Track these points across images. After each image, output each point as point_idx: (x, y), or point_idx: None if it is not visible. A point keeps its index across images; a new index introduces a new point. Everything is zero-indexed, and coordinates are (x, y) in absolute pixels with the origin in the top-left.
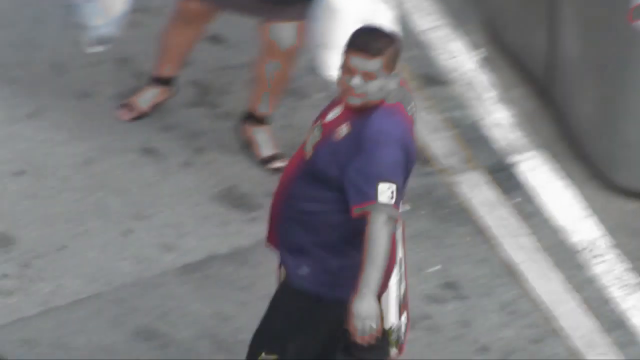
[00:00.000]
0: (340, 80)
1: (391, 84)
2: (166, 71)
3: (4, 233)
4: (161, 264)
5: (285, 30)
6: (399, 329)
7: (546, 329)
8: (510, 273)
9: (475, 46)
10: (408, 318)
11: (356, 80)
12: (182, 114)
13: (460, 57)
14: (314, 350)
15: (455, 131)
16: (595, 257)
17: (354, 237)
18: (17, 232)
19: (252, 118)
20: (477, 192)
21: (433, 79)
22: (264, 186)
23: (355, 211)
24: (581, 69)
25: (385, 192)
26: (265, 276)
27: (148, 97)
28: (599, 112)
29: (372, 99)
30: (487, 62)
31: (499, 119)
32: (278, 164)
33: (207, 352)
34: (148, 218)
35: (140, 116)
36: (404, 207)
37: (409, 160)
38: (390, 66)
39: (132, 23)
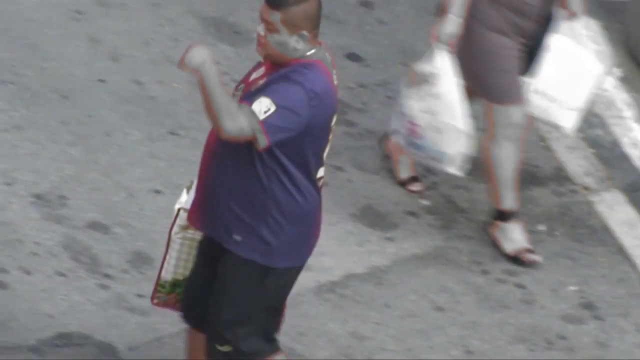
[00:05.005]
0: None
1: (295, 43)
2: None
3: (140, 252)
4: (298, 284)
5: None
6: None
7: None
8: None
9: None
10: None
11: (260, 28)
12: None
13: None
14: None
15: (593, 150)
16: None
17: (280, 203)
18: (153, 251)
19: None
20: (615, 212)
21: None
22: (400, 206)
23: None
24: None
25: (262, 104)
26: (401, 296)
27: None
28: None
29: (272, 52)
30: (625, 82)
31: (637, 138)
32: (416, 187)
33: None
34: None
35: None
36: (539, 228)
37: (323, 113)
38: (291, 24)
39: None
